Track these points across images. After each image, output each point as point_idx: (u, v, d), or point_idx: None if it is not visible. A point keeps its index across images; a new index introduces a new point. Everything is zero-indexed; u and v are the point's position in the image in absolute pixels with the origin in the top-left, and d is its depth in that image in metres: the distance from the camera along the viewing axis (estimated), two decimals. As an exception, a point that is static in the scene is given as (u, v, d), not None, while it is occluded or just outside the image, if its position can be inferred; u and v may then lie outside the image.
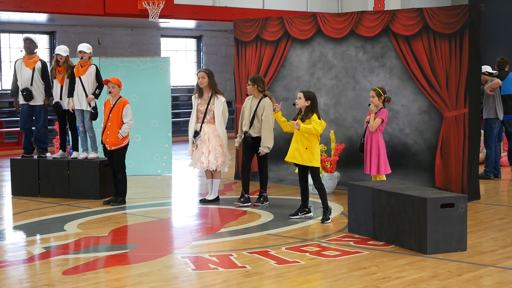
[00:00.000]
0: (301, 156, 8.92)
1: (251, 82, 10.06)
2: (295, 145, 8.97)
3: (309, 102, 8.90)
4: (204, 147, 10.15)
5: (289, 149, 9.05)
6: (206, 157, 10.15)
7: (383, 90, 9.69)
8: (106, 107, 10.29)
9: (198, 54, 25.39)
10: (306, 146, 8.90)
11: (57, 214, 9.86)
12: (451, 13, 10.40)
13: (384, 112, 9.59)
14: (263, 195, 10.19)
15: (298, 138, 8.93)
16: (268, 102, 9.96)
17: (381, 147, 9.59)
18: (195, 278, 6.71)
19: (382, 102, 9.62)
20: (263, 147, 9.94)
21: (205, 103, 10.18)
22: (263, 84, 10.06)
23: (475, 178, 10.56)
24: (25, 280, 6.72)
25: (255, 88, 10.02)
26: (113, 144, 10.17)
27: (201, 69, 10.44)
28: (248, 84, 10.11)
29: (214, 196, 10.50)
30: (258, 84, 10.00)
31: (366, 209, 8.18)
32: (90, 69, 10.92)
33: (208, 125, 10.16)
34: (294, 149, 8.96)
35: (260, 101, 10.00)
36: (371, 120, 9.57)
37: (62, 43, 19.16)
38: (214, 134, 10.15)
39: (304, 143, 8.90)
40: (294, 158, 8.99)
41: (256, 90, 10.02)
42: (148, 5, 18.26)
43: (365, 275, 6.70)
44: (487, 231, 8.54)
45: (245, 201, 10.18)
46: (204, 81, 10.14)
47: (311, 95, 8.97)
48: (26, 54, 11.34)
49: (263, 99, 10.01)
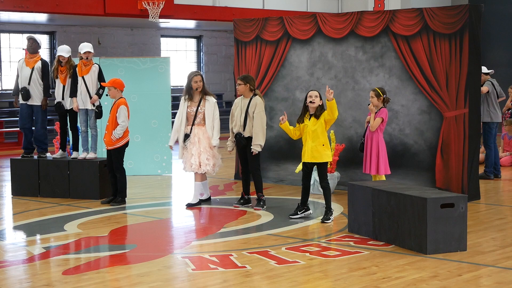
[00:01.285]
0: (320, 155, 8.87)
1: (242, 81, 9.87)
2: (311, 145, 8.86)
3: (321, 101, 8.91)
4: (194, 148, 10.02)
5: (305, 150, 8.92)
6: (195, 158, 10.00)
7: (383, 91, 9.68)
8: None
9: (198, 54, 25.40)
10: (323, 143, 8.87)
11: (57, 214, 9.86)
12: (451, 13, 10.40)
13: (384, 112, 9.59)
14: (261, 199, 9.99)
15: (313, 137, 8.82)
16: (259, 100, 9.82)
17: (381, 147, 9.59)
18: (195, 278, 6.71)
19: (382, 102, 9.62)
20: (255, 145, 9.73)
21: (195, 105, 10.07)
22: (254, 82, 9.93)
23: (475, 178, 10.56)
24: (25, 280, 6.72)
25: (247, 87, 9.84)
26: (109, 144, 10.20)
27: (197, 72, 10.22)
28: (238, 84, 9.93)
29: (196, 200, 10.28)
30: (250, 83, 9.84)
31: (366, 209, 8.18)
32: (93, 68, 10.93)
33: (198, 127, 10.05)
34: (312, 149, 8.85)
35: (251, 100, 9.84)
36: (371, 119, 9.57)
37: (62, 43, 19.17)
38: (205, 136, 10.04)
39: (321, 140, 8.85)
40: (313, 158, 8.88)
41: (247, 89, 9.84)
42: (148, 5, 18.27)
43: (365, 275, 6.70)
44: (487, 231, 8.55)
45: (244, 203, 10.14)
46: (201, 84, 10.05)
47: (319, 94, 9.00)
48: (28, 53, 11.34)
49: (254, 98, 9.84)
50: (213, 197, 10.87)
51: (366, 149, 9.65)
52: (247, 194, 10.17)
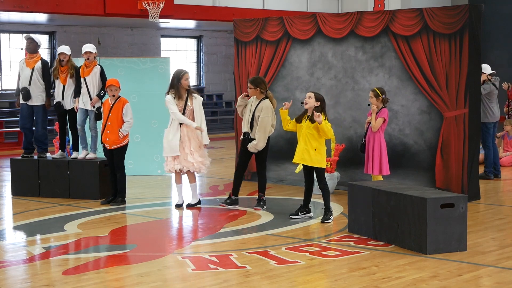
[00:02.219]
0: (310, 158, 8.87)
1: (253, 85, 9.72)
2: (303, 146, 8.87)
3: (319, 103, 8.87)
4: (186, 148, 9.95)
5: (297, 150, 8.96)
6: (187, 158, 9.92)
7: (382, 91, 9.68)
8: (105, 107, 10.30)
9: (198, 54, 25.40)
10: (315, 148, 8.85)
11: (57, 214, 9.86)
12: (451, 13, 10.40)
13: (385, 112, 9.59)
14: (262, 199, 9.95)
15: (306, 139, 8.85)
16: (266, 105, 9.67)
17: (383, 147, 9.59)
18: (195, 278, 6.71)
19: (381, 103, 9.62)
20: (253, 145, 9.65)
21: (182, 103, 9.94)
22: (264, 85, 9.76)
23: (475, 178, 10.56)
24: (25, 280, 6.72)
25: (257, 91, 9.71)
26: (113, 143, 10.17)
27: (186, 70, 10.11)
28: (249, 88, 9.77)
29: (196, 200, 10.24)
30: (260, 86, 9.70)
31: (366, 209, 8.18)
32: (95, 69, 10.92)
33: (187, 126, 9.96)
34: (303, 150, 8.87)
35: (259, 103, 9.73)
36: (373, 120, 9.57)
37: (62, 43, 19.18)
38: (194, 134, 9.95)
39: (313, 144, 8.84)
40: (303, 160, 8.90)
41: (258, 92, 9.72)
42: (148, 5, 18.27)
43: (365, 275, 6.70)
44: (487, 231, 8.55)
45: (231, 203, 10.02)
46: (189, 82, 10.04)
47: (320, 97, 8.94)
48: (28, 53, 11.33)
49: (263, 101, 9.71)
50: (213, 197, 10.87)
51: (368, 150, 9.65)
52: (235, 195, 10.04)
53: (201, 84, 25.15)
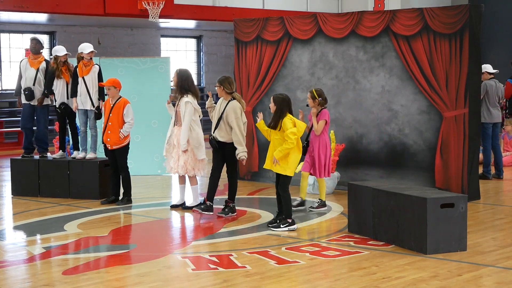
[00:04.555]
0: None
1: (218, 83, 9.34)
2: (271, 152, 8.57)
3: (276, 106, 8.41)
4: (174, 151, 9.82)
5: (267, 156, 8.68)
6: (175, 161, 9.77)
7: (319, 93, 9.51)
8: (105, 108, 10.30)
9: (198, 54, 25.40)
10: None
11: (57, 214, 9.86)
12: (451, 13, 10.40)
13: (326, 113, 9.47)
14: (228, 206, 9.48)
15: (273, 146, 8.56)
16: (234, 106, 9.22)
17: (328, 150, 9.56)
18: (195, 278, 6.71)
19: (319, 105, 9.44)
20: (242, 153, 9.20)
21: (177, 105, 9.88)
22: (229, 85, 9.30)
23: (475, 178, 10.56)
24: (25, 280, 6.72)
25: (222, 90, 9.30)
26: (115, 143, 10.18)
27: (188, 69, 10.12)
28: (215, 86, 9.45)
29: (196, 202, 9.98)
30: (223, 85, 9.28)
31: (366, 209, 8.18)
32: (93, 69, 10.93)
33: (178, 128, 9.80)
34: (270, 156, 8.57)
35: (227, 105, 9.30)
36: (314, 123, 9.46)
37: (62, 43, 19.21)
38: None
39: None
40: (270, 166, 8.58)
41: (223, 92, 9.30)
42: (148, 5, 18.27)
43: (365, 275, 6.70)
44: (487, 231, 8.55)
45: (205, 209, 9.50)
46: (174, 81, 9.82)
47: (280, 98, 8.47)
48: (31, 54, 11.37)
49: (230, 102, 9.28)
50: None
51: (314, 153, 9.52)
52: (209, 200, 9.52)
53: (201, 84, 25.14)
